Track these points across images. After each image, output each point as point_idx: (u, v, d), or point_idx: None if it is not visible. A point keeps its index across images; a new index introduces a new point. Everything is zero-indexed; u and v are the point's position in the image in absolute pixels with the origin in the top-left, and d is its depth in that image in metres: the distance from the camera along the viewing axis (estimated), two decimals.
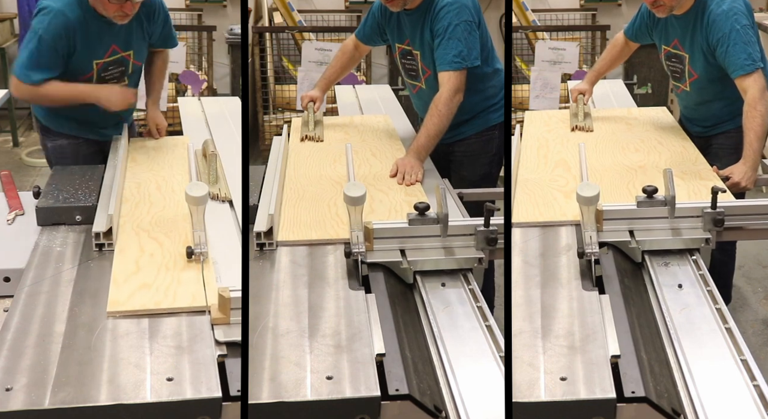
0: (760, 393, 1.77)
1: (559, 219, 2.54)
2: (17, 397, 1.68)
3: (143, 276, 2.18)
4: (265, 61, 6.00)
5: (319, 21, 6.64)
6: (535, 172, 2.95)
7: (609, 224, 2.42)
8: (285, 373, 1.80)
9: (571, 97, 3.60)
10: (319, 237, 2.43)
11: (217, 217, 2.54)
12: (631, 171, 2.93)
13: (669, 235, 2.41)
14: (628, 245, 2.38)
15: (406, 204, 2.68)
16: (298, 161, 3.11)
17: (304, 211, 2.62)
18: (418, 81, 3.32)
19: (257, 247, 2.36)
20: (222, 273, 2.20)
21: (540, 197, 2.71)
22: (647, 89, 6.34)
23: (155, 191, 2.78)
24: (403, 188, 2.85)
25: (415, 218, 2.35)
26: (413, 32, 3.19)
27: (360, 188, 2.30)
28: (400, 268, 2.29)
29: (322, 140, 3.35)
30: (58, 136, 3.24)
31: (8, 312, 2.01)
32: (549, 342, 1.91)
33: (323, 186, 2.84)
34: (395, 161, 2.98)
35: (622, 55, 3.61)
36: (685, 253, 2.38)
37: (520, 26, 6.18)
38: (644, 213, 2.44)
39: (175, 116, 5.78)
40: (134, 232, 2.45)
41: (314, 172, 2.99)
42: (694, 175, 2.88)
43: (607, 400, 1.72)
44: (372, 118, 3.71)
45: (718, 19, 3.00)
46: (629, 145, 3.20)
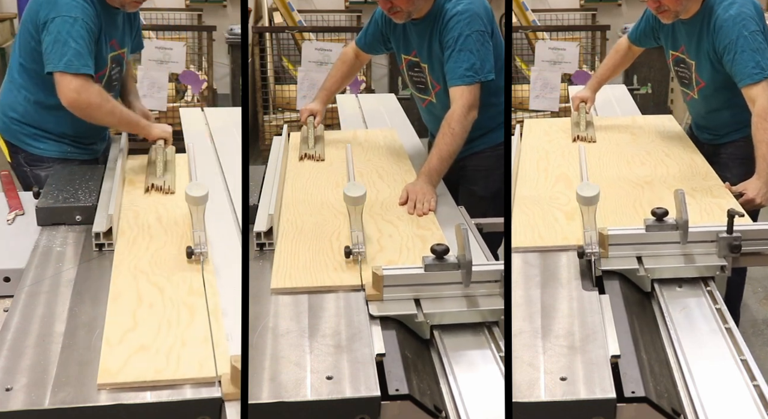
0: (760, 393, 1.77)
1: (560, 244, 2.37)
2: (17, 397, 1.68)
3: (141, 335, 1.90)
4: (265, 61, 6.00)
5: (319, 21, 6.64)
6: (534, 188, 2.78)
7: (615, 250, 2.25)
8: (285, 373, 1.80)
9: (572, 106, 3.47)
10: (320, 283, 2.14)
11: (217, 217, 2.54)
12: (638, 187, 2.77)
13: (681, 262, 2.24)
14: (636, 274, 2.21)
15: (419, 240, 2.40)
16: (297, 184, 2.85)
17: (303, 247, 2.34)
18: (427, 95, 3.12)
19: (257, 247, 2.36)
20: (222, 273, 2.20)
21: (540, 217, 2.55)
22: (647, 89, 6.34)
23: (155, 222, 2.49)
24: (415, 218, 2.58)
25: (432, 263, 2.03)
26: (420, 43, 3.00)
27: (360, 189, 2.30)
28: (415, 322, 2.00)
29: (323, 160, 3.10)
30: (51, 162, 2.95)
31: (8, 312, 2.01)
32: (549, 342, 1.91)
33: (325, 216, 2.57)
34: (405, 187, 2.73)
35: (625, 60, 3.48)
36: (699, 281, 2.22)
37: (520, 26, 6.17)
38: (654, 238, 2.25)
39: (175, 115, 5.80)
40: (131, 274, 2.17)
41: (315, 198, 2.73)
42: (704, 192, 2.71)
43: (607, 400, 1.71)
44: (377, 133, 3.47)
45: (725, 25, 2.87)
46: (634, 158, 3.04)
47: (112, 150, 3.01)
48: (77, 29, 2.69)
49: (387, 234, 2.44)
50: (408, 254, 2.32)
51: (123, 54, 3.02)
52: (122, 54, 3.01)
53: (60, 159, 2.96)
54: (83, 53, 2.69)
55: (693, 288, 2.20)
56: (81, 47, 2.69)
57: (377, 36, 3.21)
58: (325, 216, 2.57)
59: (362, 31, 3.31)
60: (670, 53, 3.17)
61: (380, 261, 2.24)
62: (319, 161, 3.09)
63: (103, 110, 2.77)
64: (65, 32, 2.68)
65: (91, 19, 2.73)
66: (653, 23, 3.18)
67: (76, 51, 2.68)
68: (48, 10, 2.72)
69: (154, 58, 5.45)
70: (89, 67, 2.71)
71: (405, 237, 2.43)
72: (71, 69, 2.68)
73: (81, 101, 2.71)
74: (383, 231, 2.46)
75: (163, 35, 5.90)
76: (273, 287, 2.12)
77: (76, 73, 2.68)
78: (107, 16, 2.85)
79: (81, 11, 2.71)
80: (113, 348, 1.84)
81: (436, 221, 2.55)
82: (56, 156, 2.96)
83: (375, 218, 2.55)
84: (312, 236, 2.43)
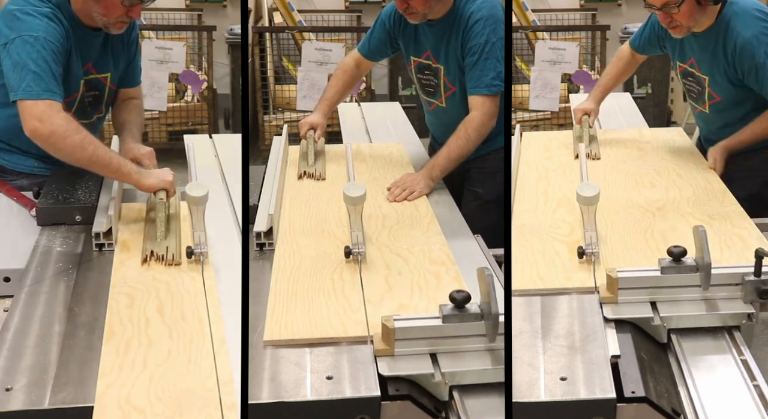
0: (760, 393, 1.77)
1: (561, 285, 2.12)
2: (17, 397, 1.68)
3: None
4: (265, 61, 6.00)
5: (319, 21, 6.64)
6: (533, 214, 2.57)
7: (626, 294, 2.00)
8: (285, 373, 1.79)
9: (574, 119, 3.28)
10: (320, 335, 1.89)
11: (217, 217, 2.53)
12: (648, 214, 2.53)
13: (702, 309, 1.97)
14: (651, 323, 1.96)
15: (432, 278, 2.15)
16: (295, 208, 2.62)
17: (300, 287, 2.10)
18: (436, 98, 3.04)
19: (257, 247, 2.36)
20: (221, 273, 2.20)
21: (539, 251, 2.31)
22: (647, 89, 6.33)
23: (155, 314, 1.97)
24: (427, 249, 2.31)
25: (451, 313, 1.80)
26: (437, 45, 2.92)
27: (360, 188, 2.30)
28: (432, 382, 1.78)
29: (323, 179, 2.88)
30: (17, 176, 2.75)
31: (8, 312, 2.01)
32: (549, 342, 1.90)
33: (326, 247, 2.33)
34: (401, 176, 2.71)
35: (628, 68, 3.35)
36: (722, 331, 1.96)
37: (520, 26, 6.17)
38: (670, 281, 1.99)
39: (175, 115, 5.81)
40: (120, 411, 1.61)
41: (315, 225, 2.50)
42: (723, 219, 2.47)
43: (607, 400, 1.71)
44: (382, 147, 3.27)
45: (749, 45, 2.76)
46: (643, 178, 2.83)
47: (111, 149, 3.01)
48: (38, 50, 2.41)
49: (396, 270, 2.20)
50: (420, 296, 2.07)
51: (104, 79, 2.76)
52: (102, 79, 2.75)
53: (25, 174, 2.76)
54: (44, 77, 2.40)
55: (716, 339, 1.95)
56: (42, 70, 2.40)
57: (384, 39, 3.12)
58: (325, 247, 2.34)
59: (365, 38, 3.21)
60: (678, 64, 3.06)
61: (389, 305, 2.02)
62: (319, 180, 2.89)
63: (70, 141, 2.37)
64: (25, 54, 2.41)
65: (57, 39, 2.46)
66: (659, 32, 3.07)
67: (36, 75, 2.39)
68: (9, 29, 2.47)
69: (154, 58, 5.46)
70: (53, 92, 2.40)
71: (416, 274, 2.19)
72: (31, 95, 2.38)
73: (42, 130, 2.36)
74: (392, 267, 2.22)
75: (163, 35, 5.89)
76: (266, 339, 1.88)
77: (37, 99, 2.38)
78: (82, 36, 2.60)
79: (44, 30, 2.45)
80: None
81: (450, 253, 2.30)
82: (21, 170, 2.77)
83: (382, 251, 2.33)
84: (311, 271, 2.19)
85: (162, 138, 5.87)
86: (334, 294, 2.07)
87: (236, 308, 1.78)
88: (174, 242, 2.28)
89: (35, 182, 2.71)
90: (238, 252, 2.26)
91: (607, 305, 2.00)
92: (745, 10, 2.81)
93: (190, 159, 3.01)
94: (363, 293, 2.05)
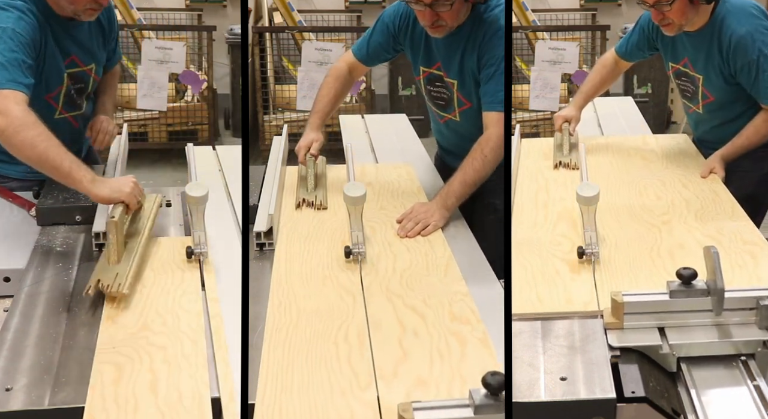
0: (760, 393, 1.76)
1: (562, 309, 2.00)
2: (17, 397, 1.68)
3: None
4: (265, 61, 6.00)
5: (319, 21, 6.64)
6: (533, 229, 2.44)
7: (632, 319, 1.88)
8: None
9: (555, 126, 3.14)
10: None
11: (217, 217, 2.53)
12: (654, 229, 2.42)
13: (714, 336, 1.85)
14: (659, 351, 1.83)
15: (454, 339, 1.86)
16: (292, 246, 2.32)
17: (297, 357, 1.78)
18: (448, 112, 2.84)
19: (257, 247, 2.36)
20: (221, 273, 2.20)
21: (539, 269, 2.18)
22: (647, 89, 6.33)
23: (161, 364, 1.75)
24: (447, 300, 2.02)
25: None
26: (449, 57, 2.70)
27: (360, 188, 2.30)
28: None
29: (325, 208, 2.59)
30: (10, 180, 2.69)
31: (8, 312, 2.01)
32: (549, 342, 1.90)
33: (328, 299, 2.03)
34: (412, 206, 2.46)
35: (611, 76, 3.27)
36: (736, 360, 1.83)
37: (520, 26, 6.17)
38: (680, 306, 1.87)
39: (175, 115, 5.81)
40: None
41: (315, 270, 2.19)
42: (733, 235, 2.34)
43: (607, 400, 1.71)
44: (390, 169, 2.96)
45: (743, 41, 2.74)
46: (648, 189, 2.72)
47: (112, 150, 3.01)
48: (5, 41, 2.32)
49: (411, 330, 1.90)
50: (442, 365, 1.77)
51: (89, 71, 2.71)
52: (88, 71, 2.70)
53: (18, 179, 2.68)
54: (8, 67, 2.29)
55: (729, 368, 1.82)
56: (7, 61, 2.29)
57: (386, 44, 2.86)
58: (328, 299, 2.04)
59: (362, 41, 2.93)
60: (670, 65, 3.04)
61: (405, 379, 1.73)
62: (320, 209, 2.59)
63: (21, 136, 2.21)
64: None
65: (28, 31, 2.38)
66: (650, 34, 3.03)
67: (1, 65, 2.29)
68: None
69: (154, 58, 5.46)
70: (18, 82, 2.29)
71: (436, 335, 1.88)
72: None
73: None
74: (406, 324, 1.92)
75: (163, 35, 5.90)
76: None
77: (1, 89, 2.26)
78: (60, 29, 2.55)
79: (13, 21, 2.36)
80: None
81: (474, 306, 2.00)
82: (14, 176, 2.68)
83: (394, 303, 2.03)
84: (310, 332, 1.88)
85: (162, 138, 5.88)
86: (338, 363, 1.77)
87: (236, 308, 1.77)
88: (122, 275, 2.06)
89: (27, 185, 2.67)
90: (238, 252, 2.26)
91: (611, 331, 1.89)
92: (739, 8, 2.80)
93: (190, 159, 3.01)
94: (373, 362, 1.77)
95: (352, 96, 6.01)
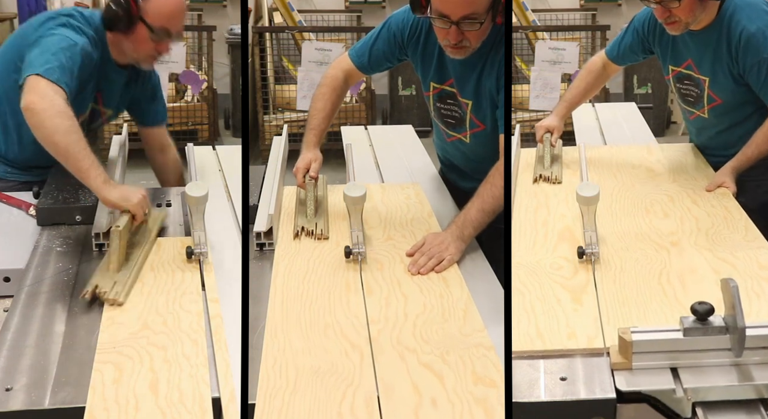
0: (759, 393, 1.76)
1: (564, 346, 1.81)
2: (17, 397, 1.67)
3: None
4: (265, 61, 6.01)
5: (319, 21, 6.65)
6: (531, 251, 2.26)
7: (642, 359, 1.70)
8: None
9: (536, 136, 2.95)
10: None
11: (217, 217, 2.53)
12: (663, 251, 2.24)
13: (733, 378, 1.66)
14: (673, 395, 1.65)
15: (479, 408, 1.60)
16: (289, 283, 2.09)
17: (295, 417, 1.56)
18: (458, 132, 2.64)
19: (257, 247, 2.36)
20: (221, 273, 2.20)
21: (538, 298, 2.00)
22: (647, 89, 6.34)
23: (162, 363, 1.73)
24: (469, 362, 1.75)
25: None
26: (465, 75, 2.50)
27: (360, 189, 2.29)
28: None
29: (326, 238, 2.35)
30: (6, 183, 2.77)
31: (8, 312, 2.01)
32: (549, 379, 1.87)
33: (329, 354, 1.78)
34: (425, 236, 2.24)
35: (599, 81, 3.08)
36: (757, 404, 1.64)
37: (520, 26, 6.18)
38: (695, 345, 1.68)
39: (182, 116, 5.81)
40: None
41: (314, 316, 1.94)
42: (748, 259, 2.17)
43: (607, 400, 1.71)
44: (397, 190, 2.73)
45: (754, 38, 2.57)
46: (654, 205, 2.54)
47: (112, 149, 3.01)
48: (73, 52, 2.45)
49: (428, 397, 1.63)
50: None
51: (103, 112, 2.83)
52: (102, 112, 2.83)
53: (14, 181, 2.79)
54: (67, 72, 2.40)
55: (750, 414, 1.63)
56: (68, 67, 2.41)
57: (390, 54, 2.65)
58: (330, 353, 1.78)
59: (362, 47, 2.70)
60: (670, 69, 2.86)
61: None
62: (320, 239, 2.35)
63: (57, 121, 2.28)
64: (60, 49, 2.43)
65: (90, 58, 2.54)
66: (645, 36, 2.86)
67: (62, 66, 2.39)
68: (53, 28, 2.52)
69: None
70: (68, 86, 2.38)
71: (457, 402, 1.63)
72: (50, 75, 2.35)
73: (39, 104, 2.29)
74: (422, 390, 1.65)
75: None
76: None
77: (53, 81, 2.34)
78: (106, 70, 2.69)
79: (84, 43, 2.52)
80: None
81: (500, 364, 1.75)
82: (10, 178, 2.79)
83: (407, 360, 1.76)
84: (307, 399, 1.63)
85: None
86: None
87: (236, 308, 1.76)
88: (123, 278, 2.08)
89: (10, 186, 2.74)
90: (238, 252, 2.26)
91: (619, 372, 1.71)
92: (748, 3, 2.64)
93: (190, 159, 3.01)
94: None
95: (352, 96, 6.01)
